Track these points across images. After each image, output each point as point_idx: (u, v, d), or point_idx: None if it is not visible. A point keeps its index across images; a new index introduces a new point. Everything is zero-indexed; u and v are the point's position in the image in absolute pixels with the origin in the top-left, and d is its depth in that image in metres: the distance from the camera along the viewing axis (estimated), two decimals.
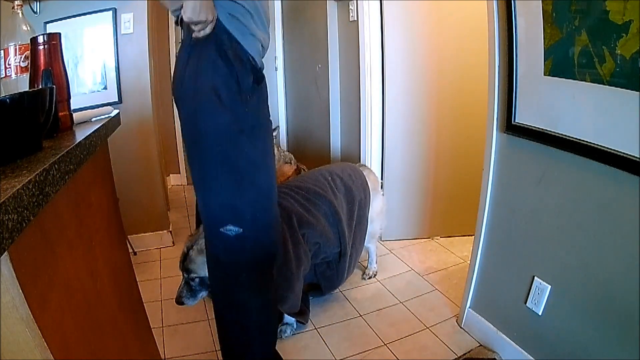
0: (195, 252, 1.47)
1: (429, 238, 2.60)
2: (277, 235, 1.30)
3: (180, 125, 1.18)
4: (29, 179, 0.51)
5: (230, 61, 1.08)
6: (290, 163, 2.41)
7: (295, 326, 1.78)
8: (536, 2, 1.22)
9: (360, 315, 1.90)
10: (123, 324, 1.07)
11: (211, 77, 1.07)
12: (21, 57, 0.96)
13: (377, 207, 2.10)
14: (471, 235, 1.74)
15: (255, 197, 1.18)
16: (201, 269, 1.45)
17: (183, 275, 1.52)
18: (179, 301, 1.51)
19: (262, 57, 1.20)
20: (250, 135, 1.13)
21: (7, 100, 0.61)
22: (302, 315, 1.78)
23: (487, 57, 1.50)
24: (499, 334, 1.59)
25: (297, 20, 3.23)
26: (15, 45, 0.96)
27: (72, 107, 0.98)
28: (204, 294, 1.51)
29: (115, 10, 2.18)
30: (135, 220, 2.43)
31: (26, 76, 0.95)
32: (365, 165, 2.25)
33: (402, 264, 2.33)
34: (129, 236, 2.27)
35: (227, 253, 1.20)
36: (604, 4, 1.03)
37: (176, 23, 1.15)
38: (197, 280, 1.48)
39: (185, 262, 1.49)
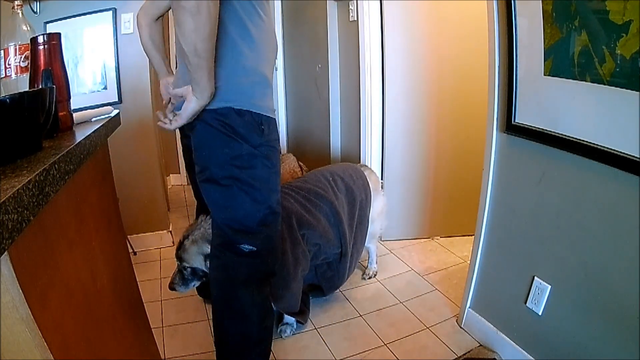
0: (189, 242, 1.49)
1: (429, 238, 2.60)
2: (279, 253, 1.34)
3: (193, 147, 1.18)
4: (29, 179, 0.51)
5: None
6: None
7: (295, 326, 1.78)
8: (536, 2, 1.22)
9: (360, 315, 1.90)
10: (123, 324, 1.07)
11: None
12: (21, 57, 0.96)
13: (378, 208, 2.10)
14: (471, 235, 1.74)
15: (266, 217, 1.21)
16: (193, 260, 1.48)
17: (177, 263, 1.53)
18: (171, 287, 1.54)
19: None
20: (264, 159, 1.16)
21: (7, 100, 0.61)
22: (301, 315, 1.78)
23: (487, 57, 1.50)
24: (499, 334, 1.59)
25: (297, 20, 3.23)
26: (15, 45, 0.96)
27: (72, 107, 0.98)
28: (195, 283, 1.55)
29: (115, 10, 2.18)
30: (135, 220, 2.43)
31: (26, 76, 0.95)
32: (366, 166, 2.25)
33: (402, 264, 2.33)
34: (129, 236, 2.27)
35: (238, 265, 1.24)
36: (604, 4, 1.03)
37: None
38: (189, 270, 1.50)
39: (179, 251, 1.51)
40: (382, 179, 2.44)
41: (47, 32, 2.02)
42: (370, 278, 2.19)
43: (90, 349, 0.77)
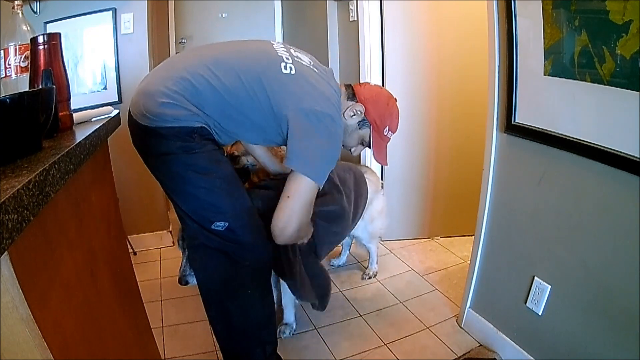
0: None
1: (429, 238, 2.60)
2: (255, 228, 1.33)
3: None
4: (29, 179, 0.51)
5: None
6: None
7: (294, 327, 1.78)
8: (536, 2, 1.22)
9: (360, 315, 1.90)
10: (123, 324, 1.07)
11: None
12: (21, 57, 0.96)
13: (378, 207, 2.09)
14: (471, 235, 1.74)
15: (226, 192, 1.26)
16: None
17: (183, 253, 1.50)
18: (183, 281, 1.49)
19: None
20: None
21: (7, 100, 0.61)
22: (321, 301, 1.68)
23: (487, 57, 1.50)
24: (499, 334, 1.59)
25: (297, 20, 3.23)
26: (15, 45, 0.96)
27: (72, 107, 0.98)
28: None
29: (115, 10, 2.18)
30: (135, 220, 2.43)
31: (26, 76, 0.95)
32: (367, 167, 2.25)
33: (402, 264, 2.33)
34: (129, 236, 2.27)
35: (225, 245, 1.27)
36: (604, 4, 1.03)
37: None
38: None
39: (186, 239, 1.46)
40: (382, 179, 2.43)
41: (47, 32, 2.02)
42: (370, 278, 2.19)
43: (90, 349, 0.78)
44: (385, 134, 1.42)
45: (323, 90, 1.28)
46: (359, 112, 1.37)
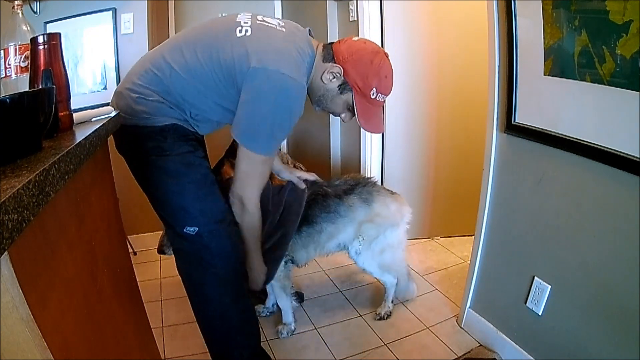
0: None
1: (429, 238, 2.60)
2: (231, 238, 1.31)
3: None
4: (29, 179, 0.51)
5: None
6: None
7: (293, 327, 1.78)
8: (536, 2, 1.22)
9: (360, 316, 1.90)
10: (123, 324, 1.07)
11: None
12: (21, 57, 0.96)
13: (391, 241, 1.80)
14: (471, 235, 1.74)
15: (195, 196, 1.25)
16: None
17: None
18: (161, 250, 1.55)
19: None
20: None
21: (7, 100, 0.61)
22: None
23: (487, 57, 1.50)
24: (499, 334, 1.59)
25: (297, 20, 3.22)
26: (15, 45, 0.96)
27: (72, 107, 0.98)
28: None
29: (115, 10, 2.18)
30: (135, 220, 2.42)
31: (26, 76, 0.95)
32: (392, 192, 1.86)
33: None
34: (129, 236, 2.27)
35: (196, 250, 1.27)
36: (604, 4, 1.03)
37: None
38: None
39: None
40: (382, 179, 2.43)
41: (47, 32, 2.02)
42: (381, 320, 1.86)
43: (90, 349, 0.77)
44: (372, 96, 1.22)
45: (280, 47, 1.15)
46: (338, 75, 1.22)
